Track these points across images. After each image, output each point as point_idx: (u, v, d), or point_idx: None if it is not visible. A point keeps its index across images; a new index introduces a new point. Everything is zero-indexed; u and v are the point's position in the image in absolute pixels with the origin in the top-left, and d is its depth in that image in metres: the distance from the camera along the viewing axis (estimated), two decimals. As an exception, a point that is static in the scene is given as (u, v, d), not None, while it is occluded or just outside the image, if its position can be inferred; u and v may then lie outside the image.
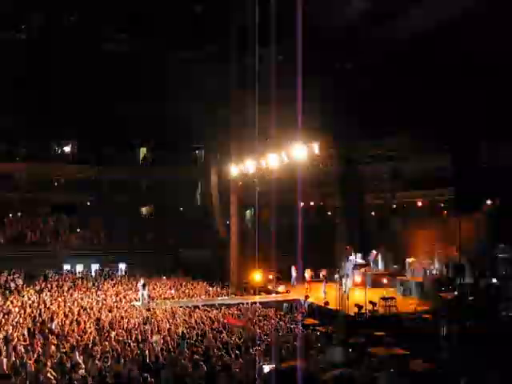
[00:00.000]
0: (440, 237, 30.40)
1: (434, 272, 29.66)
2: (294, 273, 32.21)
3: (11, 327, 19.75)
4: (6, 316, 22.00)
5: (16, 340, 17.30)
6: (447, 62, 30.98)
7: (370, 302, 24.13)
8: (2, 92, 42.37)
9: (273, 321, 23.24)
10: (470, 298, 24.16)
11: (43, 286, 31.44)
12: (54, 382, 13.14)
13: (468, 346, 19.65)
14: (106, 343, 17.18)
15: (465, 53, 29.30)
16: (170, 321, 22.18)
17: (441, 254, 29.84)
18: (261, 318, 23.68)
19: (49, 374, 13.42)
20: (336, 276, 28.20)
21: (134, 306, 26.27)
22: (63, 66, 39.37)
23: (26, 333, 18.85)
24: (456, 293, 24.51)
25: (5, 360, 14.84)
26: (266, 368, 13.46)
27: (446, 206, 30.61)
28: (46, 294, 28.45)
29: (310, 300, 28.15)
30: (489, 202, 27.71)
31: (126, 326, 20.87)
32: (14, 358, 15.07)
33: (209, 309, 25.61)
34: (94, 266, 38.11)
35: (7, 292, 29.51)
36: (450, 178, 28.03)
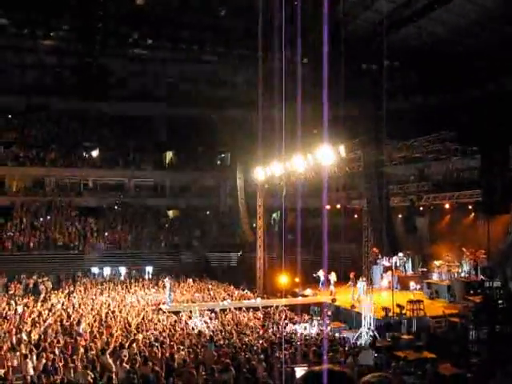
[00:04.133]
0: (468, 239, 30.01)
1: (463, 275, 29.32)
2: (322, 276, 32.00)
3: (42, 329, 20.02)
4: (36, 318, 22.30)
5: (46, 342, 17.52)
6: (475, 62, 30.68)
7: (398, 306, 23.95)
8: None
9: (299, 323, 23.25)
10: (500, 302, 23.81)
11: (72, 288, 31.78)
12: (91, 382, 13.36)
13: (497, 351, 19.40)
14: (134, 346, 17.31)
15: (493, 51, 29.00)
16: (198, 324, 22.29)
17: (469, 256, 29.47)
18: (287, 321, 23.70)
19: (89, 378, 13.61)
20: (364, 279, 28.09)
21: (161, 309, 26.41)
22: (89, 69, 39.90)
23: (55, 335, 19.08)
24: (485, 296, 24.18)
25: (30, 363, 15.04)
26: (299, 370, 13.40)
27: (474, 208, 30.19)
28: (75, 297, 28.77)
29: (337, 303, 28.05)
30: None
31: (153, 329, 21.00)
32: (44, 360, 15.27)
33: (236, 312, 25.64)
34: (122, 269, 38.38)
35: (37, 295, 29.91)
36: (478, 179, 27.68)
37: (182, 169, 47.13)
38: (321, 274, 31.77)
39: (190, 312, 25.07)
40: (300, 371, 13.30)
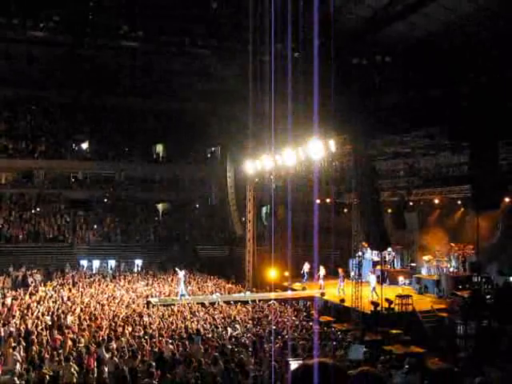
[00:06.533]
0: (457, 234, 30.13)
1: (451, 270, 29.45)
2: (306, 269, 32.04)
3: (30, 322, 19.94)
4: (25, 311, 22.20)
5: (35, 334, 17.46)
6: (465, 58, 30.71)
7: (386, 300, 24.03)
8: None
9: (289, 317, 23.27)
10: (488, 297, 23.97)
11: (61, 281, 31.67)
12: (75, 376, 13.32)
13: (484, 345, 19.54)
14: (122, 339, 17.28)
15: (483, 47, 29.05)
16: (187, 317, 22.26)
17: (458, 251, 29.60)
18: (277, 314, 23.72)
19: (72, 370, 13.57)
20: (352, 273, 28.15)
21: (150, 302, 26.36)
22: (79, 62, 39.65)
23: (44, 327, 19.02)
24: (473, 291, 24.32)
25: (18, 355, 14.97)
26: (293, 364, 13.36)
27: (463, 203, 30.28)
28: (64, 290, 28.67)
29: (325, 297, 28.11)
30: (507, 199, 27.40)
31: (142, 321, 20.97)
32: (32, 353, 15.22)
33: (225, 305, 25.64)
34: (111, 262, 38.29)
35: (26, 287, 29.76)
36: (468, 174, 27.77)
37: (172, 162, 47.01)
38: (305, 266, 31.87)
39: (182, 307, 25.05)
40: (294, 364, 13.29)
